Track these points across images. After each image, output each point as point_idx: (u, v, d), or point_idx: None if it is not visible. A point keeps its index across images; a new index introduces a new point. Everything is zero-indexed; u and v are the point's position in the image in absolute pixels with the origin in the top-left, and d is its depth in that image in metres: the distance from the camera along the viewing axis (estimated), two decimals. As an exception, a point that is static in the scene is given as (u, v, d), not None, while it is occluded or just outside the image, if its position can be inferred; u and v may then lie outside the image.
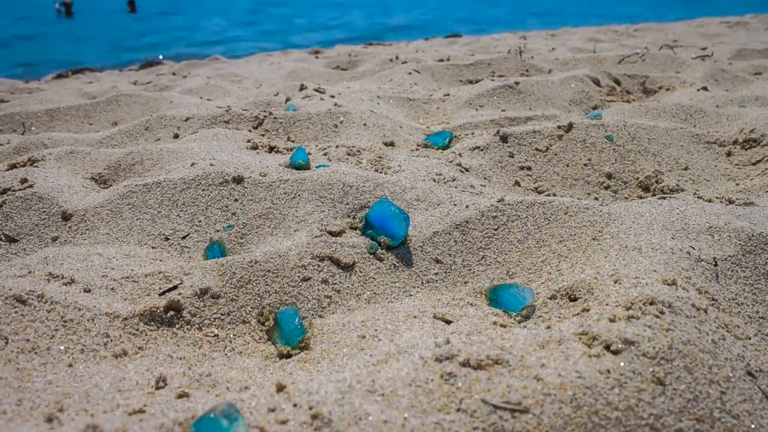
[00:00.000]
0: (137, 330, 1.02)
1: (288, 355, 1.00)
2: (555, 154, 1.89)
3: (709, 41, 5.50)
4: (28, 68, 7.08)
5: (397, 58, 4.31)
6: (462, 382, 0.76)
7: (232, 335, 1.06)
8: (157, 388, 0.87)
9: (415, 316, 1.07)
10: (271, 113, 2.26)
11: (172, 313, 1.07)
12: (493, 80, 2.89)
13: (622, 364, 0.77)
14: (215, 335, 1.05)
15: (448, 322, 1.04)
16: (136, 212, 1.45)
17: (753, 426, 0.77)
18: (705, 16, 9.59)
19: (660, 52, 3.84)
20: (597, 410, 0.73)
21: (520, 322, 1.06)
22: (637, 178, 1.81)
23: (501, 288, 1.15)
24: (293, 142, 2.11)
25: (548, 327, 0.94)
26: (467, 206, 1.40)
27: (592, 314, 0.92)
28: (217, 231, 1.40)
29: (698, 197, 1.48)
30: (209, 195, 1.48)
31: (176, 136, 2.19)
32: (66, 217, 1.46)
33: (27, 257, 1.28)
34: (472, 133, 2.12)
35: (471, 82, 3.34)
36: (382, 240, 1.27)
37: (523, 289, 1.13)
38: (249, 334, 1.08)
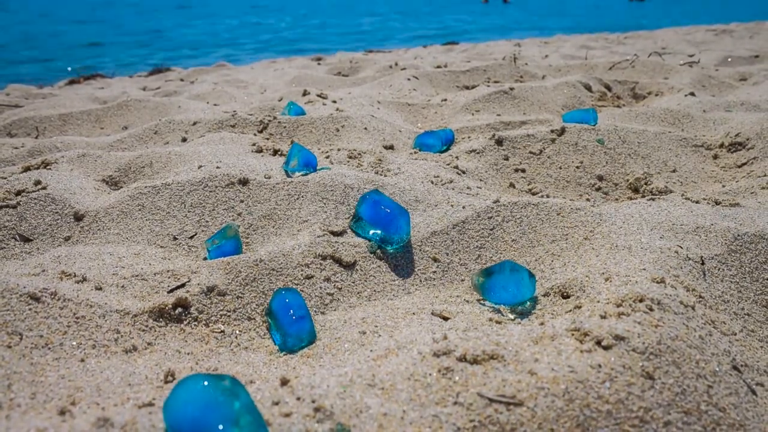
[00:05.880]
0: (147, 326, 1.04)
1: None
2: (548, 157, 1.92)
3: (696, 48, 5.52)
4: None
5: (396, 64, 4.33)
6: (459, 376, 0.77)
7: (237, 331, 1.08)
8: (166, 382, 0.88)
9: (413, 313, 1.09)
10: (275, 118, 2.28)
11: (180, 310, 1.08)
12: (488, 86, 2.93)
13: (612, 358, 0.78)
14: (221, 331, 1.07)
15: (446, 319, 1.05)
16: (146, 213, 1.46)
17: (738, 418, 0.77)
18: (693, 24, 9.65)
19: (649, 59, 3.88)
20: (588, 403, 0.73)
21: (514, 318, 1.07)
22: (627, 180, 1.83)
23: (492, 277, 1.10)
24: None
25: (542, 323, 0.95)
26: (464, 207, 1.42)
27: (584, 311, 0.93)
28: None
29: (686, 198, 1.50)
30: (216, 196, 1.50)
31: (184, 140, 2.21)
32: (78, 217, 1.47)
33: (40, 256, 1.29)
34: (469, 137, 2.15)
35: (468, 87, 3.37)
36: (378, 248, 1.27)
37: (517, 271, 1.08)
38: (254, 330, 1.09)
